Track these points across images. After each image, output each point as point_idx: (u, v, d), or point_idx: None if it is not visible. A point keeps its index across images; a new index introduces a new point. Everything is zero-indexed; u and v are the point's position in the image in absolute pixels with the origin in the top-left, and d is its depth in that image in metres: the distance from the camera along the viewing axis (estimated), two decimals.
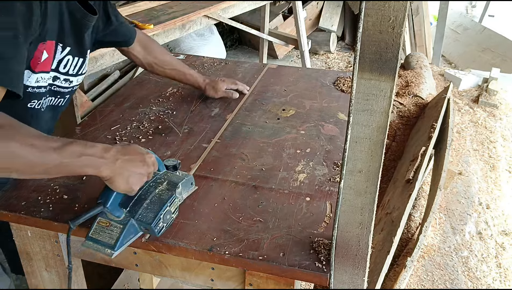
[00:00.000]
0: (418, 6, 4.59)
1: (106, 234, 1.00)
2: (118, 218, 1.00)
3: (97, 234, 1.00)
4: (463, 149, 2.91)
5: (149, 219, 0.99)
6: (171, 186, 1.05)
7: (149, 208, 1.00)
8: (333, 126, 1.51)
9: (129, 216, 1.00)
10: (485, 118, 3.27)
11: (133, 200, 1.02)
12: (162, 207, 1.00)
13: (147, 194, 1.03)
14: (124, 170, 0.95)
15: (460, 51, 5.03)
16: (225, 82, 1.67)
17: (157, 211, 1.00)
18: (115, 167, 0.94)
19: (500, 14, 5.90)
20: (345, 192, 0.86)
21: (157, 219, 0.99)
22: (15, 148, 0.82)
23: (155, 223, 0.99)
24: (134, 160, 0.97)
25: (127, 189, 0.97)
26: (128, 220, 1.00)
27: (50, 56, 1.13)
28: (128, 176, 0.96)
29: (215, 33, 4.40)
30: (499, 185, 2.65)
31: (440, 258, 2.08)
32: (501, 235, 2.30)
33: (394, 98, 0.79)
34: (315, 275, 0.96)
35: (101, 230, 1.00)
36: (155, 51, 1.58)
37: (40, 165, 0.86)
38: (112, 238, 0.99)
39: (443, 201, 2.43)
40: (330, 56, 4.96)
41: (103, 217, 1.01)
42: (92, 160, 0.91)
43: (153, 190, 1.04)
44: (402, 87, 3.35)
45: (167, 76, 1.64)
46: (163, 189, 1.04)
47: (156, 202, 1.01)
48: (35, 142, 0.85)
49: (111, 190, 0.98)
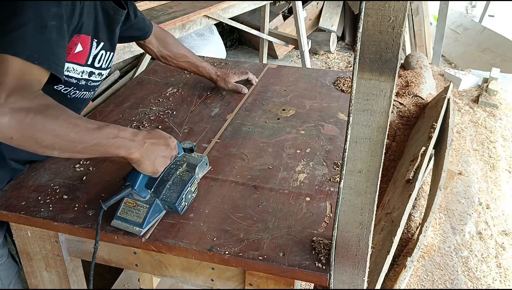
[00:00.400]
0: (418, 6, 4.59)
1: (134, 213, 1.06)
2: (144, 199, 1.07)
3: (125, 214, 1.07)
4: (463, 149, 2.91)
5: (173, 199, 1.07)
6: (190, 168, 1.13)
7: (172, 189, 1.08)
8: (333, 126, 1.51)
9: (154, 196, 1.07)
10: (485, 118, 3.27)
11: (156, 181, 1.08)
12: (184, 188, 1.08)
13: (169, 175, 1.10)
14: (151, 153, 1.02)
15: (460, 51, 5.03)
16: (236, 74, 1.74)
17: (180, 191, 1.08)
18: (143, 150, 1.01)
19: (500, 14, 5.90)
20: (345, 192, 0.86)
21: (180, 199, 1.07)
22: (61, 126, 0.88)
23: (178, 203, 1.07)
24: (159, 144, 1.05)
25: (153, 171, 1.04)
26: (153, 200, 1.06)
27: (85, 50, 1.17)
28: (154, 158, 1.03)
29: (215, 33, 4.40)
30: (499, 185, 2.65)
31: (440, 258, 2.08)
32: (501, 235, 2.30)
33: (394, 98, 0.79)
34: (315, 275, 0.96)
35: (129, 210, 1.06)
36: (169, 44, 1.64)
37: (80, 143, 0.92)
38: (140, 217, 1.05)
39: (443, 201, 2.43)
40: (330, 56, 4.96)
41: (130, 197, 1.07)
42: (125, 142, 0.98)
43: (174, 172, 1.11)
44: (402, 87, 3.35)
45: (180, 67, 1.71)
46: (184, 171, 1.12)
47: (178, 183, 1.09)
48: (77, 122, 0.91)
49: (138, 173, 1.05)
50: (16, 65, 0.88)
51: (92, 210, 1.11)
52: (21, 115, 0.84)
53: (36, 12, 0.93)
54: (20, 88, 0.86)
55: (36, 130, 0.86)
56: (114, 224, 1.07)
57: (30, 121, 0.85)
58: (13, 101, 0.84)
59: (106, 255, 1.15)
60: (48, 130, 0.87)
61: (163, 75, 1.86)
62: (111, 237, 1.06)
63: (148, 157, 1.02)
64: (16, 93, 0.85)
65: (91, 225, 1.07)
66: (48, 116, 0.87)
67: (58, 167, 1.27)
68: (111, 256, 1.15)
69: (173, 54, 1.65)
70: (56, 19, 0.96)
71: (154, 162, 1.03)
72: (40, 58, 0.91)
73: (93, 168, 1.27)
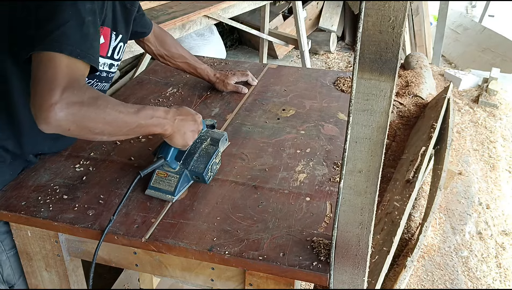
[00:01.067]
0: (418, 6, 4.59)
1: (165, 183, 1.17)
2: (174, 170, 1.18)
3: (157, 184, 1.17)
4: (463, 149, 2.91)
5: (200, 170, 1.18)
6: (214, 142, 1.25)
7: (199, 160, 1.19)
8: (333, 126, 1.51)
9: (183, 167, 1.18)
10: (485, 118, 3.27)
11: (184, 154, 1.19)
12: (210, 159, 1.19)
13: (195, 149, 1.21)
14: (181, 128, 1.13)
15: (460, 51, 5.03)
16: (236, 75, 1.74)
17: (206, 162, 1.19)
18: (175, 126, 1.12)
19: (500, 14, 5.90)
20: (345, 192, 0.86)
21: (207, 169, 1.18)
22: (109, 114, 0.97)
23: (205, 173, 1.18)
24: (188, 120, 1.16)
25: (183, 144, 1.15)
26: (183, 171, 1.18)
27: (106, 42, 1.22)
28: (184, 133, 1.14)
29: (215, 33, 4.40)
30: (499, 185, 2.65)
31: (440, 258, 2.08)
32: (501, 235, 2.30)
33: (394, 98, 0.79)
34: (315, 275, 0.96)
35: (160, 180, 1.17)
36: (168, 43, 1.65)
37: (125, 127, 1.02)
38: (171, 186, 1.16)
39: (443, 201, 2.43)
40: (330, 56, 4.96)
41: (161, 169, 1.18)
42: (159, 120, 1.08)
43: (199, 145, 1.22)
44: (402, 87, 3.35)
45: (178, 68, 1.71)
46: (208, 145, 1.24)
47: (204, 155, 1.20)
48: (120, 108, 1.00)
49: (169, 146, 1.16)
50: (63, 62, 0.93)
51: (92, 210, 1.11)
52: (75, 109, 0.91)
53: (74, 10, 0.97)
54: (71, 84, 0.92)
55: (89, 121, 0.94)
56: (148, 193, 1.17)
57: (84, 113, 0.93)
58: (68, 97, 0.90)
59: (106, 255, 1.15)
60: (99, 119, 0.96)
61: (163, 75, 1.86)
62: (111, 237, 1.06)
63: (179, 131, 1.13)
64: (69, 89, 0.91)
65: (91, 225, 1.07)
66: (98, 107, 0.95)
67: (58, 167, 1.27)
68: (111, 256, 1.15)
69: (170, 54, 1.65)
70: (91, 14, 1.01)
71: (184, 136, 1.14)
72: (82, 53, 0.96)
73: (93, 168, 1.27)
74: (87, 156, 1.32)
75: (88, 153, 1.33)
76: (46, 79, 0.91)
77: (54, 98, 0.89)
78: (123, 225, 1.07)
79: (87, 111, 0.93)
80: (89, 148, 1.36)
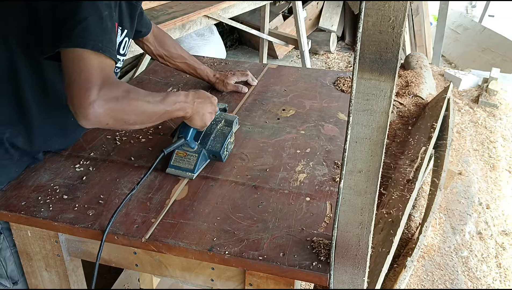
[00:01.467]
0: (418, 6, 4.59)
1: (185, 161, 1.26)
2: (192, 149, 1.26)
3: (177, 162, 1.26)
4: (463, 149, 2.91)
5: (218, 149, 1.27)
6: (228, 123, 1.33)
7: (216, 140, 1.28)
8: (333, 126, 1.51)
9: (201, 147, 1.27)
10: (485, 118, 3.27)
11: (201, 135, 1.28)
12: (226, 139, 1.28)
13: (211, 130, 1.30)
14: (200, 110, 1.21)
15: (460, 51, 5.03)
16: (235, 75, 1.74)
17: (223, 142, 1.28)
18: (194, 108, 1.19)
19: (500, 14, 5.90)
20: (345, 192, 0.86)
21: (224, 148, 1.27)
22: (140, 106, 1.05)
23: (222, 151, 1.26)
24: (206, 102, 1.23)
25: (201, 125, 1.24)
26: (201, 150, 1.27)
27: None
28: (202, 114, 1.22)
29: (215, 33, 4.40)
30: (499, 185, 2.65)
31: (440, 258, 2.08)
32: (501, 235, 2.30)
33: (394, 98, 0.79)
34: (315, 275, 0.96)
35: (180, 159, 1.26)
36: (167, 43, 1.66)
37: (154, 115, 1.10)
38: (191, 164, 1.25)
39: (443, 201, 2.43)
40: (330, 56, 4.96)
41: (180, 149, 1.26)
42: (181, 105, 1.16)
43: (215, 126, 1.30)
44: (402, 87, 3.35)
45: (177, 68, 1.72)
46: (223, 126, 1.32)
47: (220, 136, 1.29)
48: (149, 99, 1.08)
49: (189, 127, 1.24)
50: (94, 61, 0.98)
51: (92, 210, 1.12)
52: (112, 104, 0.98)
53: (93, 6, 1.01)
54: (106, 81, 0.98)
55: (124, 114, 1.02)
56: (168, 171, 1.26)
57: (119, 107, 1.00)
58: (105, 94, 0.96)
59: (106, 255, 1.15)
60: (132, 111, 1.03)
61: (163, 75, 1.86)
62: (111, 237, 1.06)
63: (198, 113, 1.20)
64: (104, 86, 0.97)
65: (91, 225, 1.07)
66: (131, 99, 1.02)
67: (58, 167, 1.27)
68: (111, 256, 1.15)
69: (170, 54, 1.66)
70: (108, 9, 1.04)
71: (202, 118, 1.22)
72: (103, 47, 1.00)
73: (93, 168, 1.27)
74: (87, 156, 1.32)
75: (88, 153, 1.33)
76: (81, 79, 0.96)
77: (92, 96, 0.94)
78: (123, 225, 1.07)
79: (122, 105, 1.00)
80: (89, 148, 1.36)
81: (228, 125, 1.32)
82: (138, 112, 1.05)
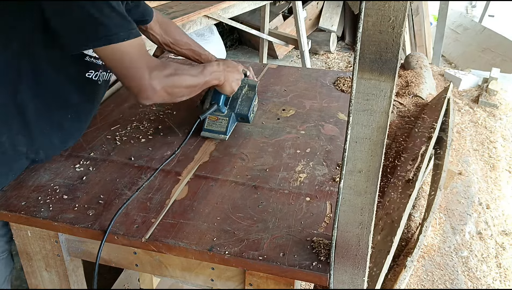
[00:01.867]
0: (418, 6, 4.59)
1: (217, 125, 1.40)
2: (223, 114, 1.41)
3: (210, 126, 1.40)
4: (463, 149, 2.91)
5: (245, 112, 1.42)
6: (251, 88, 1.47)
7: (243, 104, 1.43)
8: (333, 126, 1.51)
9: (230, 111, 1.41)
10: (485, 118, 3.27)
11: (229, 100, 1.42)
12: (251, 103, 1.43)
13: (237, 95, 1.43)
14: (229, 77, 1.34)
15: (460, 51, 5.03)
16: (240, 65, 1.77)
17: (249, 105, 1.43)
18: (225, 76, 1.32)
19: (500, 14, 5.89)
20: (345, 192, 0.86)
21: (250, 111, 1.43)
22: (187, 80, 1.20)
23: (249, 113, 1.42)
24: (233, 70, 1.36)
25: (231, 90, 1.37)
26: (230, 114, 1.41)
27: None
28: (231, 81, 1.35)
29: (215, 33, 4.40)
30: (499, 185, 2.65)
31: (440, 258, 2.08)
32: (501, 235, 2.30)
33: (394, 98, 0.79)
34: (315, 275, 0.96)
35: (212, 123, 1.40)
36: (173, 32, 1.67)
37: (198, 86, 1.24)
38: (223, 127, 1.40)
39: (443, 201, 2.43)
40: (330, 56, 4.96)
41: (212, 114, 1.40)
42: (217, 74, 1.30)
43: (240, 92, 1.44)
44: (402, 87, 3.35)
45: (183, 55, 1.73)
46: (247, 90, 1.46)
47: (246, 100, 1.44)
48: (192, 72, 1.23)
49: (220, 94, 1.38)
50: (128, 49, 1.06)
51: (92, 210, 1.12)
52: (164, 82, 1.11)
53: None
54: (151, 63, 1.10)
55: (175, 88, 1.16)
56: (203, 134, 1.41)
57: (171, 83, 1.14)
58: (155, 75, 1.10)
59: (106, 255, 1.15)
60: (182, 85, 1.18)
61: None
62: (111, 237, 1.06)
63: (228, 80, 1.33)
64: (152, 68, 1.09)
65: (91, 225, 1.07)
66: (178, 75, 1.16)
67: (58, 167, 1.27)
68: (111, 256, 1.15)
69: (175, 41, 1.66)
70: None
71: (231, 84, 1.35)
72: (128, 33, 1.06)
73: (93, 168, 1.27)
74: (87, 156, 1.32)
75: (88, 153, 1.33)
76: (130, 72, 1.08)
77: (146, 81, 1.08)
78: (123, 225, 1.07)
79: (172, 81, 1.14)
80: (89, 148, 1.36)
81: (251, 90, 1.46)
82: (186, 85, 1.19)
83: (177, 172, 1.26)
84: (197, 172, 1.27)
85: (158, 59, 1.17)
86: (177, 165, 1.29)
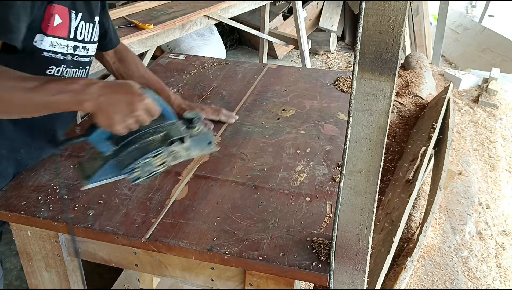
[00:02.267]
0: (418, 6, 4.59)
1: (92, 164, 0.99)
2: (103, 154, 0.99)
3: (86, 161, 1.01)
4: (463, 149, 2.91)
5: (123, 165, 0.97)
6: (165, 139, 1.00)
7: (132, 154, 0.97)
8: (333, 126, 1.51)
9: (113, 155, 0.98)
10: (485, 118, 3.27)
11: (125, 141, 0.99)
12: (142, 156, 0.97)
13: (139, 139, 0.98)
14: (108, 107, 0.93)
15: (460, 51, 5.03)
16: (205, 110, 1.49)
17: (135, 158, 0.97)
18: (98, 103, 0.92)
19: (500, 14, 5.89)
20: (345, 192, 0.86)
21: (132, 167, 0.97)
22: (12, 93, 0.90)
23: (128, 170, 0.97)
24: (119, 100, 0.93)
25: (108, 125, 0.95)
26: (109, 159, 0.98)
27: (65, 22, 1.15)
28: (112, 113, 0.93)
29: (215, 33, 4.40)
30: (499, 185, 2.65)
31: (440, 258, 2.08)
32: (501, 235, 2.30)
33: (394, 98, 0.79)
34: (315, 275, 0.96)
35: (92, 159, 1.00)
36: (129, 61, 1.51)
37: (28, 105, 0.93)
38: (90, 169, 0.99)
39: (443, 201, 2.43)
40: (330, 56, 4.96)
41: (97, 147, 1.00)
42: (72, 95, 0.92)
43: (147, 137, 0.99)
44: (402, 87, 3.35)
45: None
46: (156, 140, 0.99)
47: (140, 150, 0.98)
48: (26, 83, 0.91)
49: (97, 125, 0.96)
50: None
51: (92, 210, 1.11)
52: None
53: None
54: None
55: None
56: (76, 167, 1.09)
57: None
58: None
59: (106, 255, 1.15)
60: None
61: (163, 75, 1.86)
62: (111, 237, 1.06)
63: (103, 110, 0.93)
64: None
65: (91, 225, 1.07)
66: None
67: (58, 167, 1.27)
68: (111, 256, 1.15)
69: (130, 71, 1.49)
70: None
71: (111, 116, 0.93)
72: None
73: None
74: None
75: (88, 153, 1.33)
76: None
77: None
78: (123, 225, 1.07)
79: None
80: (89, 148, 1.36)
81: (163, 141, 0.99)
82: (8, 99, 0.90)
83: (177, 172, 1.26)
84: (197, 172, 1.27)
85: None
86: (177, 165, 1.29)
